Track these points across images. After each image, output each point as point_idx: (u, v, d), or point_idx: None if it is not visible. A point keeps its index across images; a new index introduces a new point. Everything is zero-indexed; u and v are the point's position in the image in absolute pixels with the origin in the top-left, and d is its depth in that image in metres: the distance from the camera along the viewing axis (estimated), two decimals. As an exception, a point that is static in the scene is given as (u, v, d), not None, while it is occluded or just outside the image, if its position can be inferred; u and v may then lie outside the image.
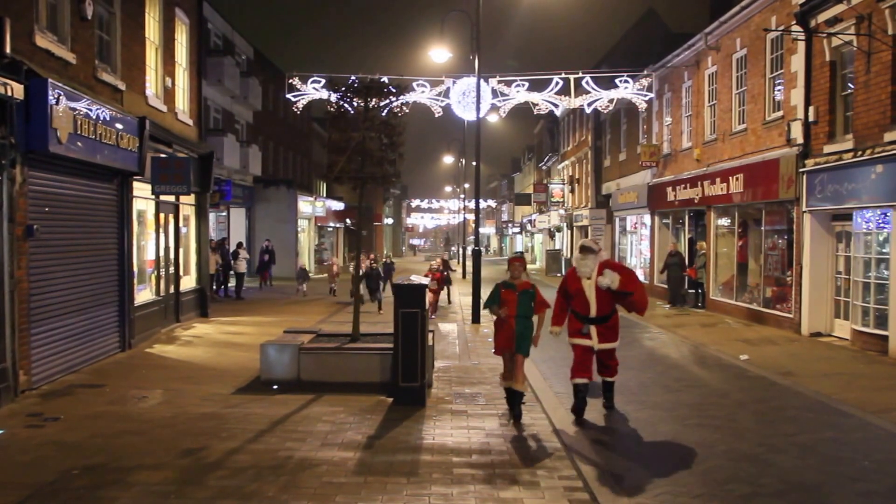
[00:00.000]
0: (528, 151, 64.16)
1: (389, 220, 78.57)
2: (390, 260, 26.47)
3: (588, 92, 21.92)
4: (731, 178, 18.01)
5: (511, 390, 8.06)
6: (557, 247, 42.35)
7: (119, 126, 11.33)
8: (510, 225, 76.14)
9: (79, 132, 9.81)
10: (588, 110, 23.41)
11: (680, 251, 21.44)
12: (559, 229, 42.98)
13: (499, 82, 21.80)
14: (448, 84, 21.62)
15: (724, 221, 19.72)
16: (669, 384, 10.30)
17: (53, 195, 9.91)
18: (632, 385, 10.02)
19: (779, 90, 16.48)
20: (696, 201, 20.41)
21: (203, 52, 18.88)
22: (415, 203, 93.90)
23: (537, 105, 22.17)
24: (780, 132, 16.00)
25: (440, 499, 5.64)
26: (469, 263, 28.94)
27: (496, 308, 8.05)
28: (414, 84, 21.31)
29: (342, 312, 17.98)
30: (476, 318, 16.73)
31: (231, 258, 23.21)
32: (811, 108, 14.67)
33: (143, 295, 13.68)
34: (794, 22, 14.92)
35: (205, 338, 14.03)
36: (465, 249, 40.20)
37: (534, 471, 6.32)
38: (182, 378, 10.20)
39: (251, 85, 29.09)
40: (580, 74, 21.75)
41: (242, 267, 23.45)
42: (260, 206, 31.67)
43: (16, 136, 8.68)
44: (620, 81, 21.88)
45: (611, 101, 22.22)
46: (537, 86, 22.06)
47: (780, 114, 16.20)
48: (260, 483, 5.90)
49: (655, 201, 24.02)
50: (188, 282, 16.62)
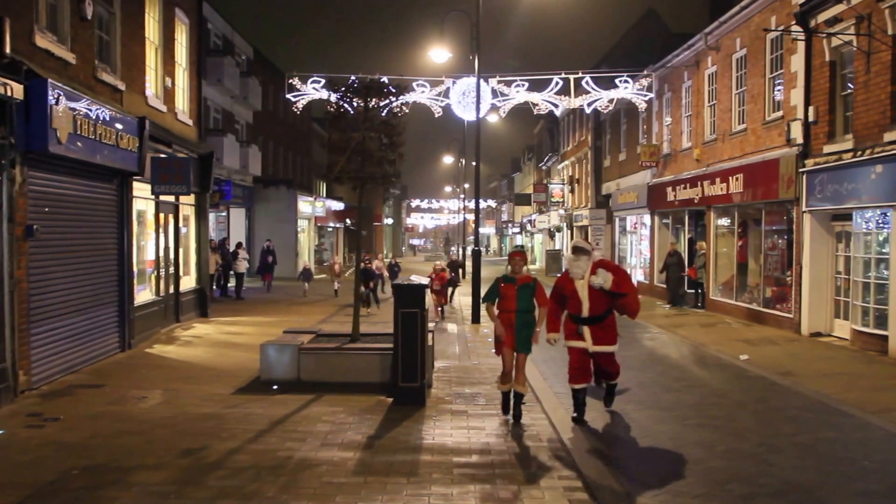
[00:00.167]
0: (528, 151, 64.14)
1: (389, 220, 78.64)
2: (394, 261, 26.40)
3: (588, 92, 21.92)
4: (730, 178, 18.01)
5: (507, 394, 7.94)
6: (557, 247, 42.35)
7: (119, 126, 11.33)
8: (510, 225, 76.11)
9: (78, 132, 9.81)
10: (588, 110, 23.41)
11: (679, 251, 21.44)
12: (559, 229, 42.98)
13: (499, 82, 21.80)
14: (448, 84, 21.62)
15: (723, 221, 19.72)
16: (669, 384, 10.31)
17: (53, 195, 9.91)
18: (632, 385, 10.02)
19: (779, 90, 16.48)
20: (695, 201, 20.41)
21: (203, 52, 18.88)
22: (415, 203, 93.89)
23: (537, 105, 22.18)
24: (780, 132, 16.01)
25: (440, 499, 5.64)
26: (469, 263, 28.90)
27: (493, 315, 7.93)
28: (414, 84, 21.31)
29: (342, 313, 17.98)
30: (476, 318, 16.72)
31: (231, 258, 23.21)
32: (811, 108, 14.67)
33: (142, 295, 13.68)
34: (794, 22, 14.92)
35: (205, 338, 14.03)
36: (464, 249, 40.21)
37: (534, 471, 6.32)
38: (182, 378, 10.20)
39: (251, 85, 29.08)
40: (580, 74, 21.75)
41: (242, 267, 23.44)
42: (260, 206, 31.65)
43: (15, 136, 8.67)
44: (620, 81, 21.88)
45: (611, 101, 22.23)
46: (537, 86, 22.08)
47: (780, 114, 16.20)
48: (260, 483, 5.91)
49: (655, 201, 24.02)
50: (188, 282, 16.62)
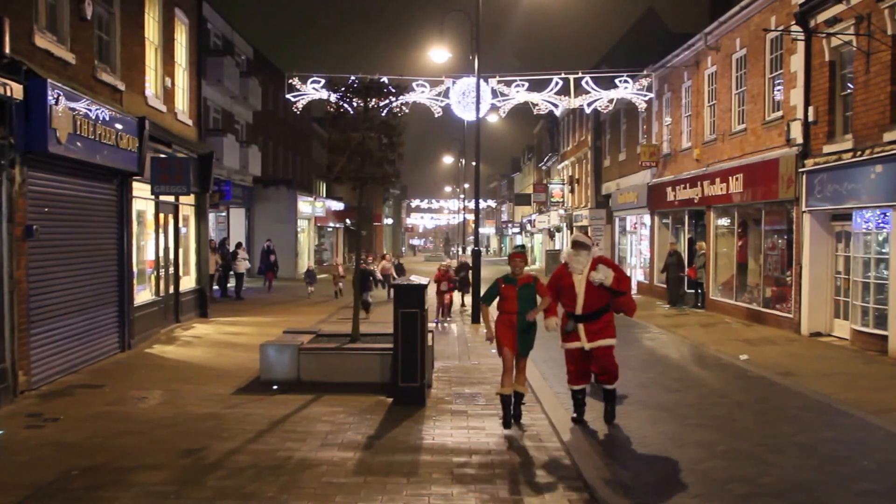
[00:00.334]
0: (528, 151, 64.13)
1: (389, 220, 78.62)
2: (399, 262, 26.38)
3: (588, 92, 21.91)
4: (730, 178, 18.01)
5: (508, 400, 7.69)
6: (557, 247, 42.35)
7: (118, 126, 11.32)
8: (510, 225, 76.11)
9: (78, 132, 9.80)
10: (588, 110, 23.39)
11: (679, 251, 21.44)
12: (559, 229, 42.98)
13: (498, 82, 21.79)
14: (448, 84, 21.61)
15: (723, 221, 19.72)
16: (669, 384, 10.31)
17: (53, 195, 9.91)
18: (631, 385, 10.01)
19: (778, 90, 16.48)
20: (695, 201, 20.41)
21: (203, 52, 18.89)
22: (414, 203, 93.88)
23: (537, 105, 22.16)
24: (780, 132, 16.01)
25: (440, 499, 5.64)
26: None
27: (487, 318, 7.80)
28: (414, 84, 21.30)
29: (342, 313, 17.96)
30: (476, 318, 16.72)
31: (230, 258, 23.19)
32: (811, 108, 14.67)
33: (142, 295, 13.68)
34: (794, 22, 14.92)
35: (204, 338, 14.02)
36: (464, 250, 40.21)
37: (533, 471, 6.32)
38: (182, 378, 10.20)
39: (251, 85, 29.07)
40: (580, 74, 21.74)
41: (242, 267, 23.43)
42: (259, 206, 31.63)
43: (15, 136, 8.67)
44: (620, 81, 21.86)
45: (610, 101, 22.21)
46: (537, 86, 22.07)
47: (780, 114, 16.20)
48: (260, 483, 5.91)
49: (655, 201, 24.02)
50: (188, 282, 16.61)
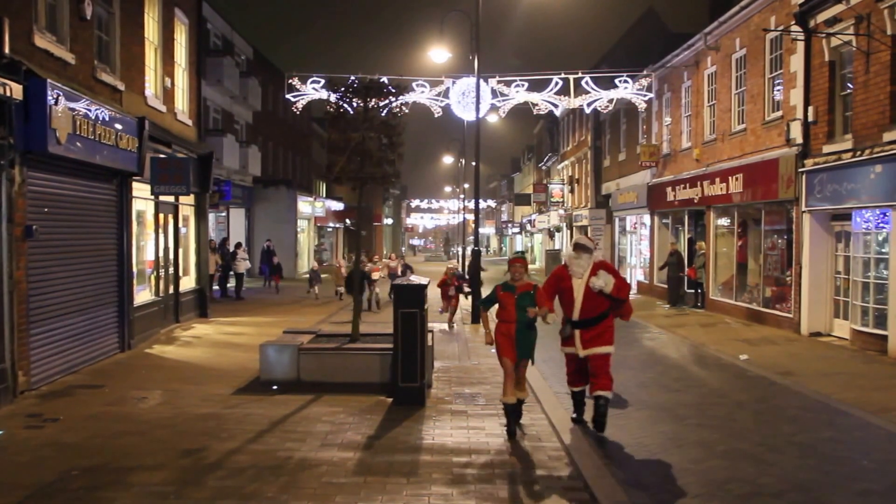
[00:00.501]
0: (528, 151, 64.14)
1: (389, 221, 78.60)
2: (406, 263, 26.36)
3: (588, 92, 21.92)
4: (730, 178, 18.01)
5: (512, 408, 7.43)
6: (557, 247, 42.36)
7: (118, 126, 11.32)
8: (510, 225, 76.14)
9: (78, 132, 9.80)
10: (588, 110, 23.41)
11: (679, 251, 21.44)
12: (559, 229, 42.99)
13: (498, 82, 21.80)
14: (448, 84, 21.62)
15: (723, 221, 19.73)
16: (669, 384, 10.31)
17: (52, 196, 9.90)
18: (631, 385, 10.02)
19: (778, 90, 16.48)
20: (695, 201, 20.41)
21: (202, 52, 18.88)
22: (414, 203, 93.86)
23: (537, 105, 22.17)
24: (780, 132, 16.01)
25: (440, 499, 5.64)
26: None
27: (486, 322, 7.70)
28: (413, 84, 21.31)
29: (342, 313, 17.96)
30: (475, 318, 16.72)
31: (230, 258, 23.18)
32: (810, 108, 14.68)
33: (142, 295, 13.67)
34: (794, 22, 14.93)
35: (204, 338, 14.02)
36: (464, 250, 40.21)
37: (533, 471, 6.32)
38: (181, 378, 10.19)
39: (251, 85, 29.07)
40: (580, 74, 21.75)
41: (242, 267, 23.42)
42: (259, 206, 31.64)
43: (15, 136, 8.66)
44: (620, 81, 21.88)
45: (610, 101, 22.22)
46: (537, 86, 22.08)
47: (780, 114, 16.20)
48: (260, 483, 5.90)
49: (655, 201, 24.02)
50: (188, 282, 16.61)
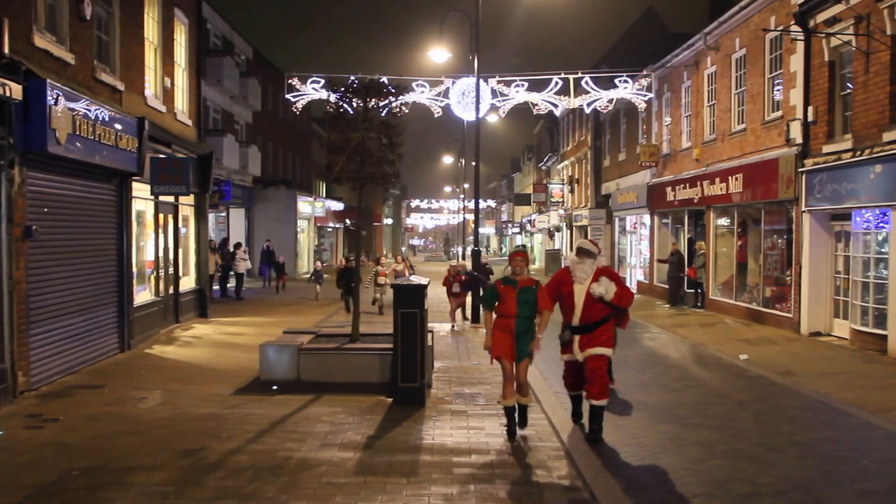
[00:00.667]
0: (528, 151, 64.12)
1: (389, 221, 78.59)
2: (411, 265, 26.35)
3: (587, 92, 21.92)
4: (730, 177, 18.01)
5: (512, 411, 7.29)
6: (557, 247, 42.36)
7: (118, 126, 11.32)
8: (510, 225, 76.12)
9: (77, 133, 9.79)
10: (587, 110, 23.41)
11: (680, 251, 21.44)
12: (559, 229, 42.99)
13: (498, 82, 21.79)
14: (447, 84, 21.61)
15: (723, 221, 19.73)
16: (669, 384, 10.31)
17: (52, 196, 9.90)
18: (631, 385, 10.03)
19: (778, 90, 16.48)
20: (695, 201, 20.41)
21: (202, 52, 18.87)
22: (414, 203, 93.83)
23: (537, 105, 22.17)
24: (780, 132, 16.01)
25: (440, 499, 5.64)
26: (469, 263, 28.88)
27: (489, 324, 7.38)
28: (413, 84, 21.31)
29: (341, 313, 17.96)
30: (475, 317, 16.72)
31: (229, 259, 23.17)
32: (810, 108, 14.68)
33: (142, 296, 13.67)
34: (793, 22, 14.92)
35: (204, 338, 14.02)
36: (464, 250, 40.25)
37: (533, 470, 6.32)
38: (181, 379, 10.19)
39: (250, 85, 29.06)
40: (579, 74, 21.75)
41: (242, 267, 23.42)
42: (259, 206, 31.64)
43: (14, 136, 8.66)
44: (620, 81, 21.87)
45: (610, 101, 22.22)
46: (537, 86, 22.07)
47: (780, 114, 16.20)
48: (259, 483, 5.90)
49: (655, 201, 24.02)
50: (187, 282, 16.61)
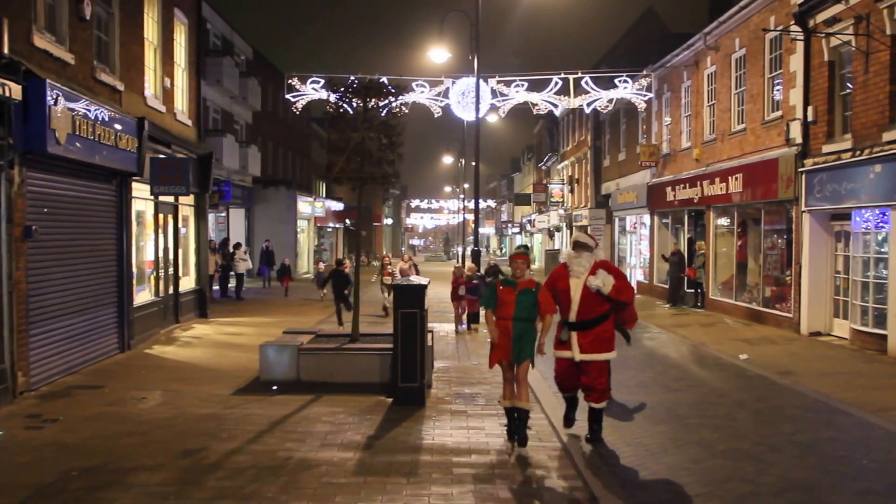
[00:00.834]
0: (528, 151, 64.12)
1: (389, 221, 78.59)
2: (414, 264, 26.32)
3: (587, 92, 21.93)
4: (730, 177, 18.01)
5: (513, 409, 7.13)
6: (557, 247, 42.36)
7: (118, 126, 11.32)
8: (510, 225, 76.10)
9: (77, 133, 9.79)
10: (587, 110, 23.43)
11: (681, 251, 21.45)
12: (559, 229, 42.99)
13: (498, 82, 21.81)
14: (447, 84, 21.63)
15: (723, 221, 19.73)
16: (669, 384, 10.31)
17: (52, 196, 9.90)
18: (631, 384, 10.03)
19: (778, 90, 16.49)
20: (695, 201, 20.41)
21: (202, 52, 18.87)
22: (414, 203, 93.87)
23: (536, 105, 22.19)
24: (779, 132, 16.01)
25: (440, 499, 5.64)
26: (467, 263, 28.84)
27: (491, 323, 7.18)
28: (413, 84, 21.33)
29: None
30: (476, 318, 16.69)
31: (229, 259, 23.16)
32: (810, 108, 14.68)
33: (142, 296, 13.66)
34: (793, 22, 14.93)
35: (204, 339, 14.02)
36: (464, 249, 40.25)
37: (533, 470, 6.32)
38: (181, 379, 10.19)
39: (250, 85, 29.05)
40: (579, 74, 21.77)
41: (242, 267, 23.41)
42: (259, 206, 31.62)
43: (14, 136, 8.66)
44: (620, 81, 21.89)
45: (610, 101, 22.24)
46: (537, 86, 22.09)
47: (779, 114, 16.20)
48: (259, 484, 5.90)
49: (655, 201, 24.02)
50: (187, 282, 16.60)
